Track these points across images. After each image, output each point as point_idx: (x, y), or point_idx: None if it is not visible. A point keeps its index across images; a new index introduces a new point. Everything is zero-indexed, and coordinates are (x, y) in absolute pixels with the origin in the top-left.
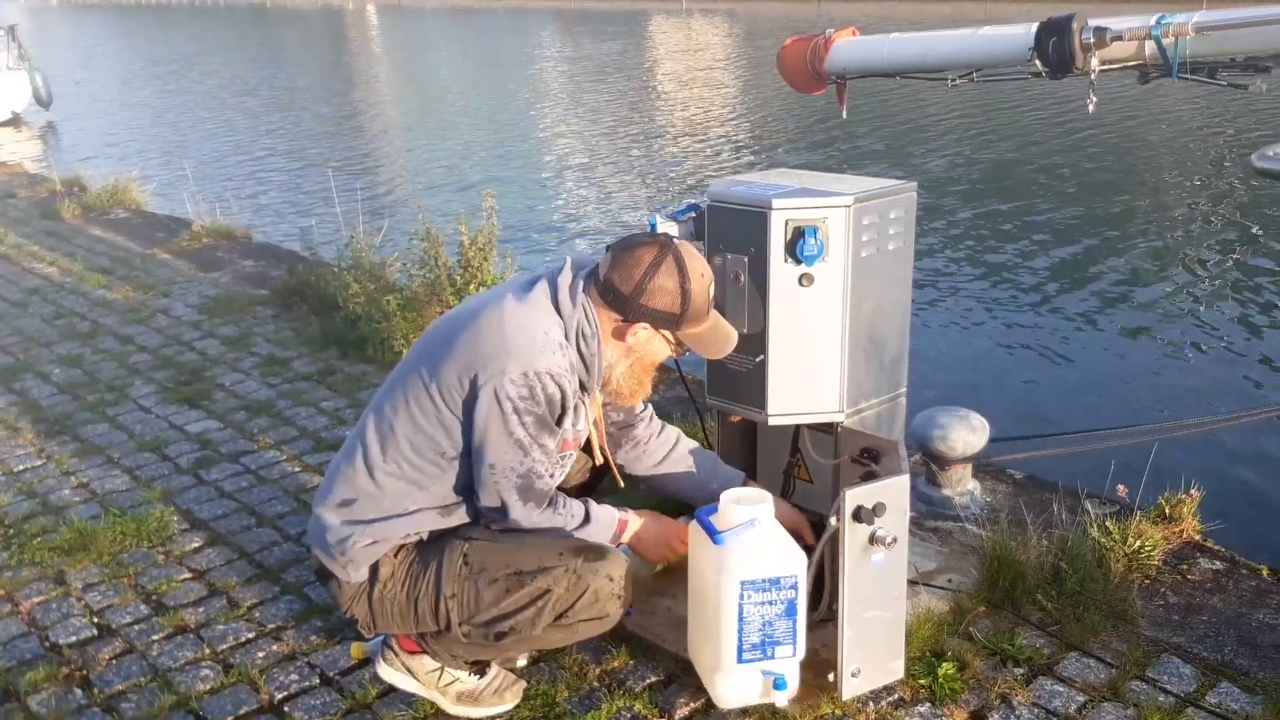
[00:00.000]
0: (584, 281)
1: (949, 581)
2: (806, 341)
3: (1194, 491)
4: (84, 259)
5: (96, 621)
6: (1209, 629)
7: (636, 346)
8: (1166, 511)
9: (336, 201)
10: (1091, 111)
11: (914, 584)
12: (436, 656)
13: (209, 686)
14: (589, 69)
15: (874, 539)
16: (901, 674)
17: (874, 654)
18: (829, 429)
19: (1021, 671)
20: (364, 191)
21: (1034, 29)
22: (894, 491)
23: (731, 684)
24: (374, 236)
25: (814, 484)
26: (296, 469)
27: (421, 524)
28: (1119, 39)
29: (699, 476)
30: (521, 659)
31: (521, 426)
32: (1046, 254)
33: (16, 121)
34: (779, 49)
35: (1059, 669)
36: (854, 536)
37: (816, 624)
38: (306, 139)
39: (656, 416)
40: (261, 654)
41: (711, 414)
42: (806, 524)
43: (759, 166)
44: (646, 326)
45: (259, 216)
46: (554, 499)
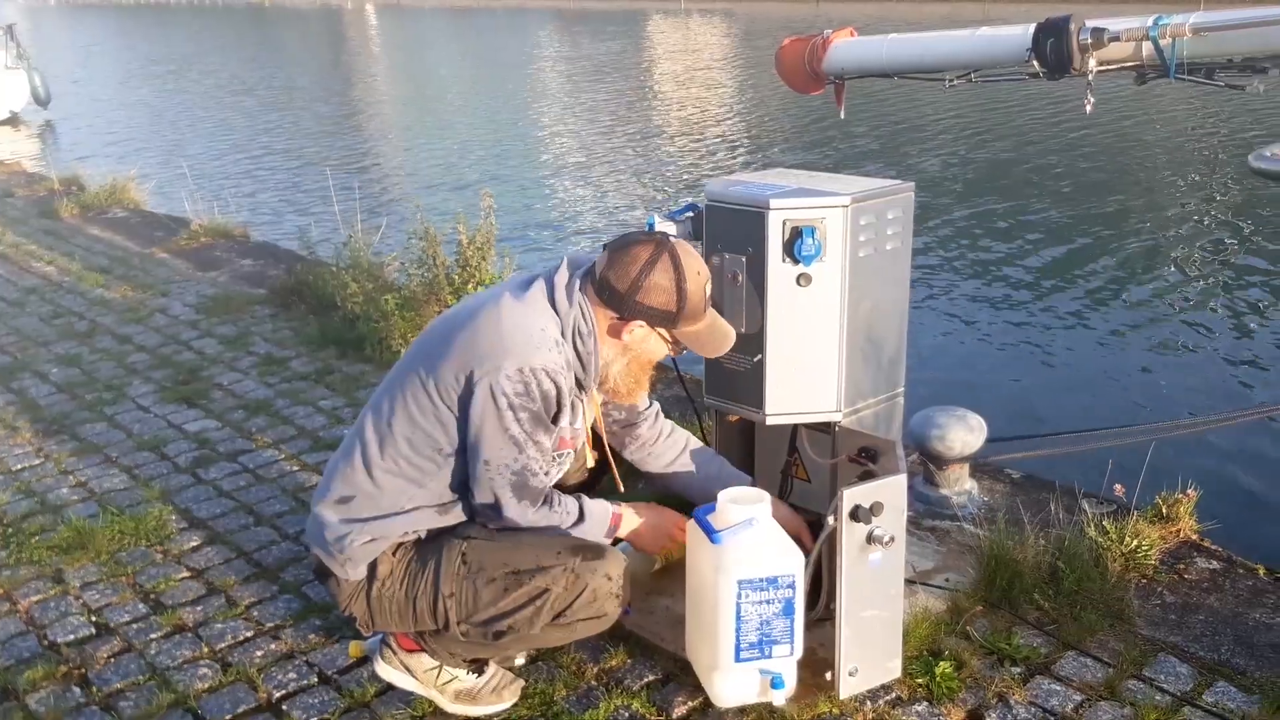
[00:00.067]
0: (581, 280)
1: (946, 581)
2: (804, 341)
3: (1191, 491)
4: (82, 258)
5: (95, 620)
6: (1206, 628)
7: (633, 344)
8: (1163, 511)
9: (335, 201)
10: (1089, 112)
11: (911, 583)
12: (435, 655)
13: (207, 685)
14: (587, 68)
15: (871, 538)
16: (899, 673)
17: (871, 653)
18: (827, 428)
19: (1019, 670)
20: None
21: (1031, 30)
22: (891, 491)
23: (729, 683)
24: (372, 236)
25: (812, 483)
26: (295, 468)
27: (419, 522)
28: (1116, 40)
29: (707, 481)
30: (520, 658)
31: (517, 423)
32: (1044, 254)
33: (15, 121)
34: (777, 49)
35: (1056, 668)
36: (851, 536)
37: (814, 623)
38: (305, 138)
39: (664, 417)
40: (260, 653)
41: (709, 413)
42: (806, 529)
43: (757, 166)
44: (642, 324)
45: (257, 216)
46: (549, 497)
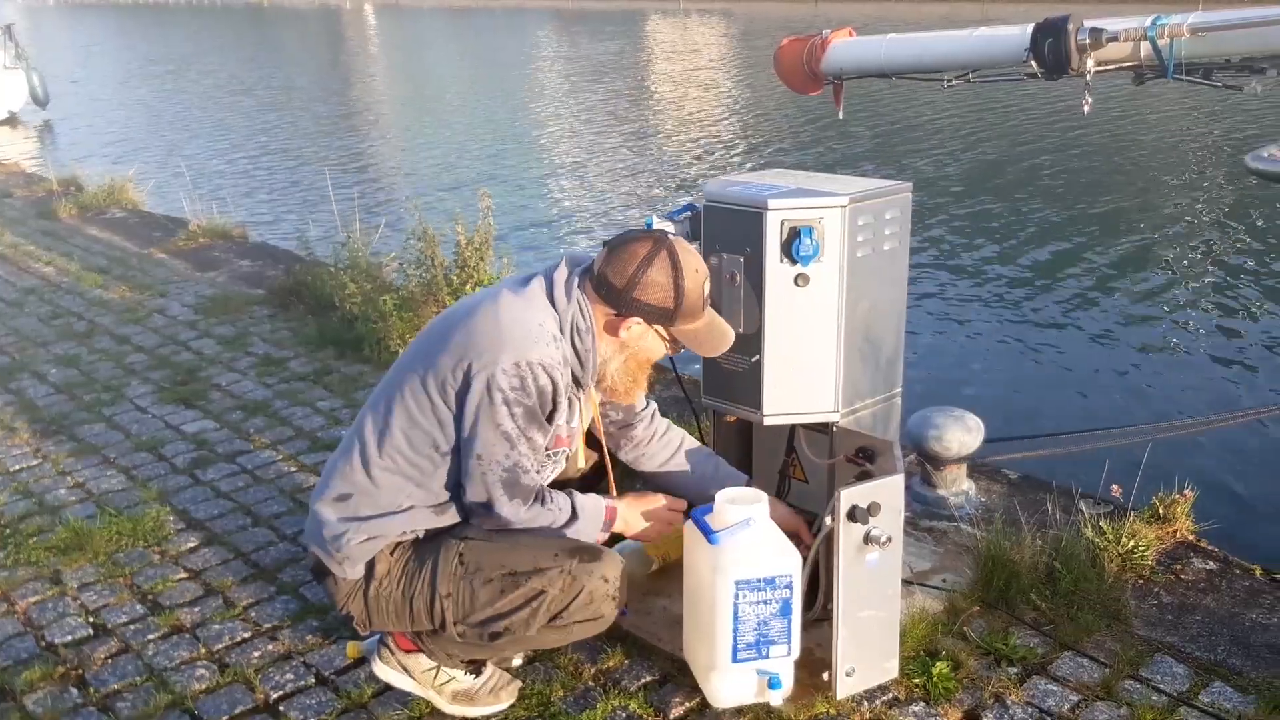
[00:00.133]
0: (579, 277)
1: (943, 581)
2: (802, 341)
3: (1187, 492)
4: (80, 259)
5: (92, 621)
6: (1202, 629)
7: (630, 342)
8: (1160, 512)
9: (333, 201)
10: (1087, 112)
11: (908, 584)
12: (432, 655)
13: (204, 686)
14: (586, 69)
15: (869, 538)
16: (896, 673)
17: (868, 653)
18: (824, 429)
19: (1015, 671)
20: (360, 191)
21: (1030, 30)
22: (889, 491)
23: (726, 683)
24: (370, 236)
25: (809, 484)
26: (293, 469)
27: (416, 521)
28: (1114, 40)
29: (702, 480)
30: (517, 658)
31: (511, 418)
32: (1041, 255)
33: (13, 121)
34: (776, 49)
35: (1053, 668)
36: (849, 536)
37: (811, 623)
38: (303, 138)
39: (660, 416)
40: (257, 653)
41: (707, 414)
42: (805, 526)
43: (755, 166)
44: (639, 321)
45: (255, 216)
46: (541, 495)
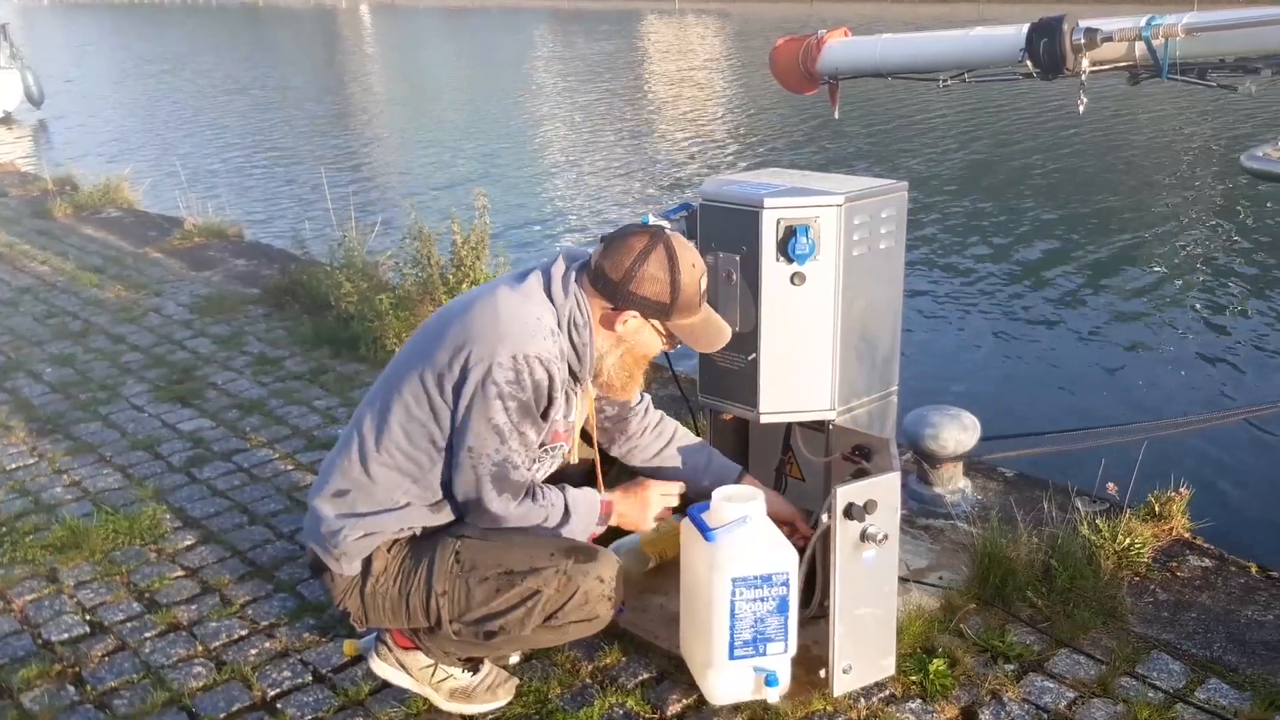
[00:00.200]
0: (577, 272)
1: (940, 579)
2: (798, 340)
3: (1183, 490)
4: (76, 258)
5: (89, 619)
6: (1198, 626)
7: (626, 336)
8: (1156, 509)
9: (329, 200)
10: (1082, 112)
11: (905, 581)
12: (430, 653)
13: (201, 684)
14: (582, 68)
15: (865, 536)
16: (893, 670)
17: (865, 650)
18: (821, 427)
19: (1012, 668)
20: (356, 190)
21: (1025, 30)
22: (885, 489)
23: (723, 680)
24: (366, 235)
25: (806, 482)
26: (289, 467)
27: (413, 518)
28: (1109, 40)
29: (695, 470)
30: (514, 656)
31: (504, 412)
32: (1037, 253)
33: (8, 120)
34: (771, 49)
35: (1049, 665)
36: (845, 533)
37: (808, 621)
38: (299, 138)
39: (654, 409)
40: (254, 651)
41: (704, 412)
42: (800, 516)
43: (750, 165)
44: (636, 315)
45: (251, 215)
46: (532, 490)
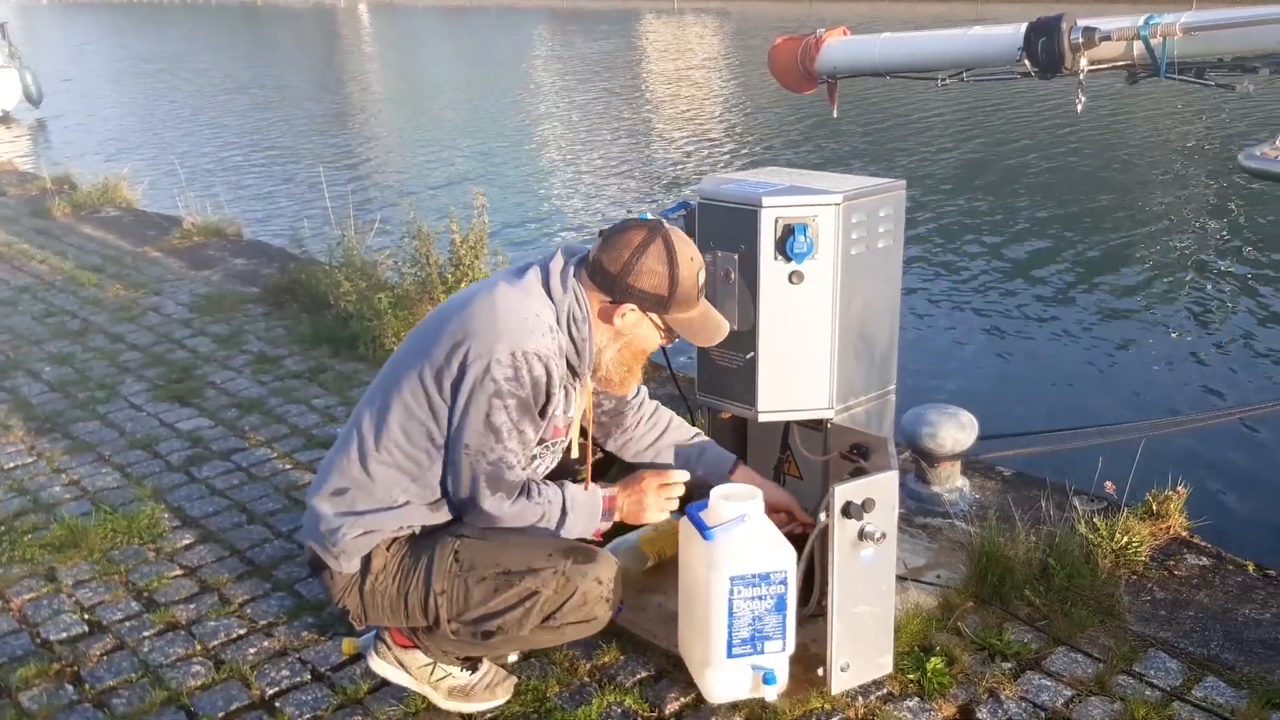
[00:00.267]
0: (575, 267)
1: (938, 577)
2: (796, 339)
3: (1181, 488)
4: (74, 257)
5: (87, 618)
6: (1195, 624)
7: (624, 329)
8: (1153, 508)
9: (328, 199)
10: (1080, 111)
11: (903, 579)
12: (428, 652)
13: (200, 683)
14: (580, 67)
15: (863, 534)
16: (890, 669)
17: (863, 649)
18: (819, 425)
19: (1009, 666)
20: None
21: (1023, 29)
22: (883, 487)
23: (721, 679)
24: (365, 234)
25: (804, 480)
26: (287, 466)
27: (412, 517)
28: (1107, 39)
29: (689, 460)
30: (512, 655)
31: (504, 410)
32: (1035, 252)
33: (7, 119)
34: (770, 48)
35: (1046, 664)
36: (843, 532)
37: (806, 619)
38: (298, 137)
39: (649, 400)
40: (252, 650)
41: (702, 411)
42: (797, 503)
43: (749, 164)
44: (634, 308)
45: (250, 215)
46: (526, 488)
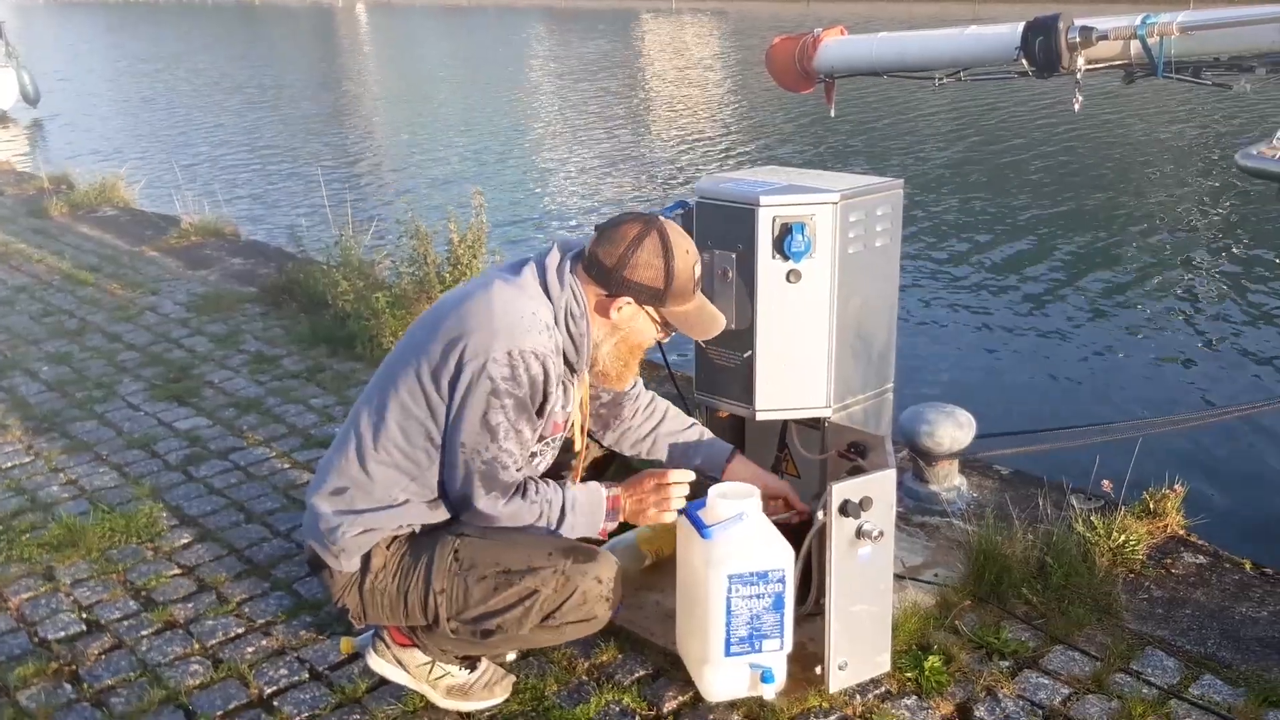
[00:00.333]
0: (571, 262)
1: (935, 576)
2: (794, 337)
3: (1178, 487)
4: (72, 257)
5: (85, 617)
6: (1192, 622)
7: (621, 323)
8: (1151, 506)
9: (325, 199)
10: (1077, 110)
11: (901, 578)
12: (427, 650)
13: (198, 681)
14: (578, 67)
15: (861, 533)
16: (888, 667)
17: (861, 647)
18: (816, 424)
19: (1007, 664)
20: (353, 189)
21: (1020, 28)
22: (881, 486)
23: (719, 677)
24: (363, 234)
25: (801, 478)
26: (285, 465)
27: (410, 516)
28: (1105, 38)
29: (685, 450)
30: (511, 654)
31: (501, 409)
32: (1032, 251)
33: (3, 119)
34: (767, 48)
35: (1044, 662)
36: (841, 530)
37: (804, 617)
38: (295, 137)
39: (645, 390)
40: (251, 649)
41: (700, 409)
42: (793, 491)
43: (747, 163)
44: (630, 301)
45: (248, 214)
46: (522, 488)
